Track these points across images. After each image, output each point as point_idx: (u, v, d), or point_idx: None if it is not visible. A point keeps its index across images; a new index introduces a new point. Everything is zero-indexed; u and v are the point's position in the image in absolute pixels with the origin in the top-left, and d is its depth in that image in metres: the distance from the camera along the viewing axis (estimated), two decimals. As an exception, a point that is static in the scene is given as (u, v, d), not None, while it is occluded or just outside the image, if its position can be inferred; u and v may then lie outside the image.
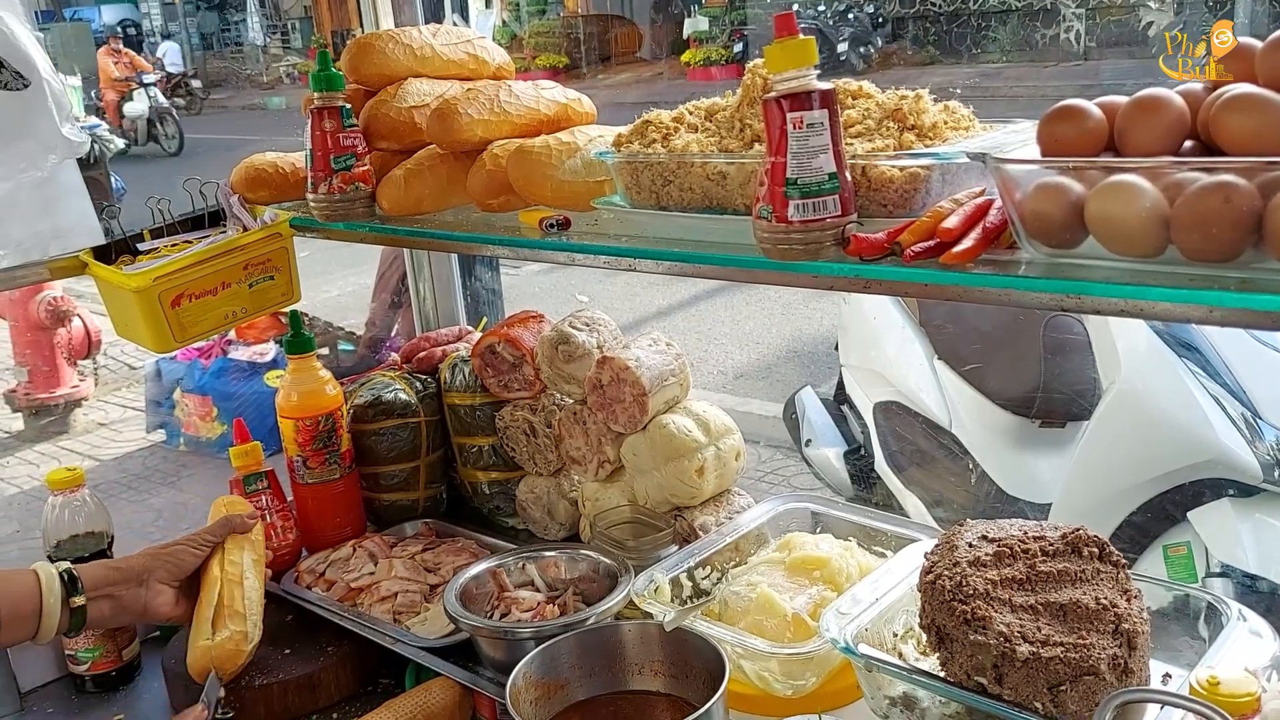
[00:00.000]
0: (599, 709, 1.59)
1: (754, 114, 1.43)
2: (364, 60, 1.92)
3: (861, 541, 1.86)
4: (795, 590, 1.70)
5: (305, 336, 2.15)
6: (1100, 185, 1.02)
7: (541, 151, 1.62)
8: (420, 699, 1.73)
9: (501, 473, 2.24)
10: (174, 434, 6.48)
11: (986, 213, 1.16)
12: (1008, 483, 3.52)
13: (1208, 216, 0.94)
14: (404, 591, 1.96)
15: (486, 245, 1.72)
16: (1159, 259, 1.00)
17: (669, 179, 1.43)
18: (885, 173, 1.26)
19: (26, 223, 1.95)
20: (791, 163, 1.19)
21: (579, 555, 1.90)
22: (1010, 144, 1.24)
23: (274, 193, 2.04)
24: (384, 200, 1.82)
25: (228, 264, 1.97)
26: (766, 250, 1.24)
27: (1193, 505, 2.93)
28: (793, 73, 1.19)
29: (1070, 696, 1.27)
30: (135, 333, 2.00)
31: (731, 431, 2.00)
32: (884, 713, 1.48)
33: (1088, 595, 1.34)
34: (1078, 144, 1.10)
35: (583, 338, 2.03)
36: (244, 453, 2.13)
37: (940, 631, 1.38)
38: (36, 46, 1.95)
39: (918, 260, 1.14)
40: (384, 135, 1.88)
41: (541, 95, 1.83)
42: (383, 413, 2.22)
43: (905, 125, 1.33)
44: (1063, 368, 3.49)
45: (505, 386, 2.16)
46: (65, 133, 1.96)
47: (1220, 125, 1.02)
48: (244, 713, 1.82)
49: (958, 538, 1.45)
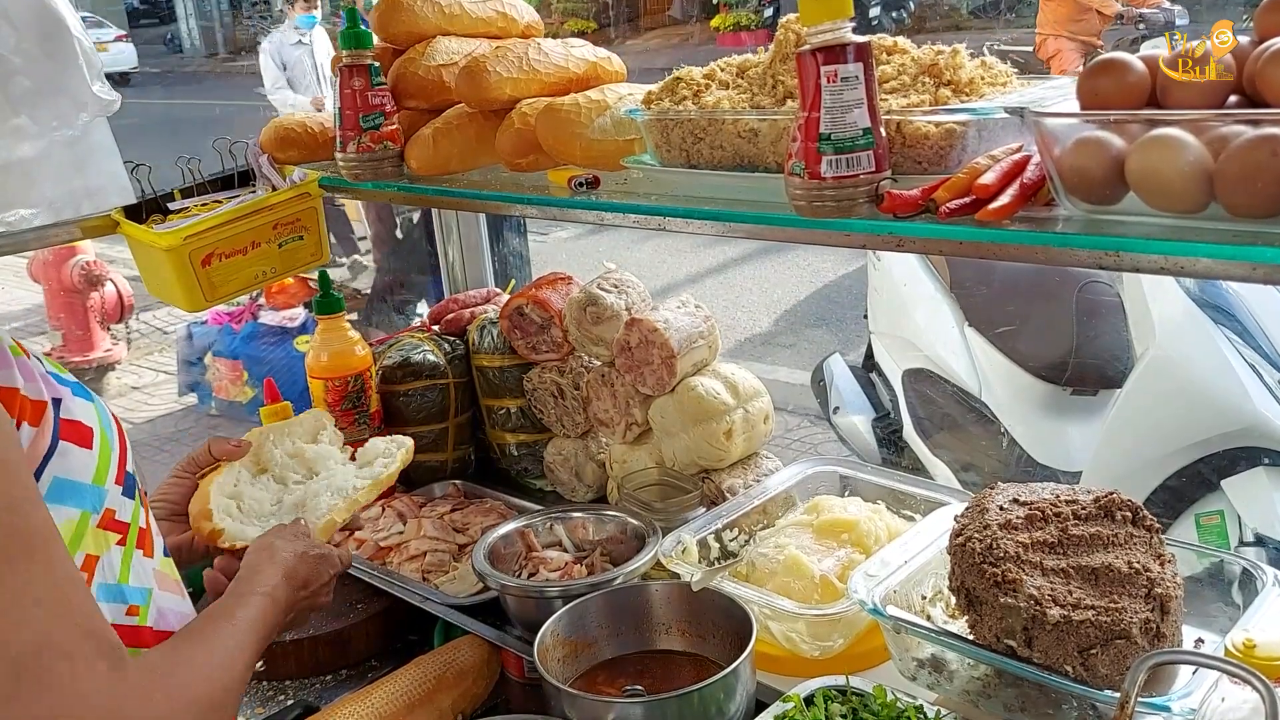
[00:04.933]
0: (626, 667, 1.59)
1: (786, 70, 1.41)
2: (392, 18, 1.91)
3: (890, 505, 1.85)
4: (823, 553, 1.70)
5: (334, 297, 2.15)
6: (1142, 139, 0.99)
7: (571, 110, 1.61)
8: (449, 656, 1.75)
9: (529, 434, 2.25)
10: (205, 397, 6.54)
11: (1024, 169, 1.13)
12: (1038, 450, 3.50)
13: (1254, 170, 0.92)
14: (433, 551, 1.97)
15: (515, 204, 1.71)
16: (1201, 215, 0.98)
17: (700, 137, 1.41)
18: (920, 128, 1.24)
19: (58, 181, 1.96)
20: (825, 117, 1.17)
21: (606, 516, 1.90)
22: (1049, 99, 1.22)
23: (303, 152, 2.04)
24: (412, 159, 1.82)
25: (257, 223, 1.97)
26: (799, 208, 1.23)
27: (1227, 474, 2.90)
28: (827, 25, 1.17)
29: (1101, 660, 1.26)
30: (167, 292, 2.01)
31: (760, 394, 1.99)
32: (912, 674, 1.48)
33: (1120, 559, 1.33)
34: (1119, 98, 1.07)
35: (611, 299, 2.03)
36: (274, 412, 2.13)
37: (970, 594, 1.37)
38: (67, 4, 1.95)
39: (953, 217, 1.12)
40: (412, 94, 1.87)
41: (571, 53, 1.81)
42: (411, 374, 2.22)
43: (941, 81, 1.30)
44: (1095, 334, 3.45)
45: (533, 348, 2.16)
46: (96, 91, 1.96)
47: (1267, 78, 0.99)
48: (274, 667, 1.85)
49: (989, 500, 1.44)
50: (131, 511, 1.13)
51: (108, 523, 1.08)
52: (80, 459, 1.05)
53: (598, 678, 1.58)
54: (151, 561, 1.16)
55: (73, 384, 1.11)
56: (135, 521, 1.13)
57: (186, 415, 6.59)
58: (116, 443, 1.12)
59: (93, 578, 1.06)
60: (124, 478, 1.12)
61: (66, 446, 1.04)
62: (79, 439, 1.06)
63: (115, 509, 1.09)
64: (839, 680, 1.45)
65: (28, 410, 1.01)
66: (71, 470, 1.04)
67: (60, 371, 1.13)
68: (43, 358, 1.13)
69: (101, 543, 1.07)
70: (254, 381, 6.10)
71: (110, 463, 1.09)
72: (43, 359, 1.13)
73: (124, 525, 1.11)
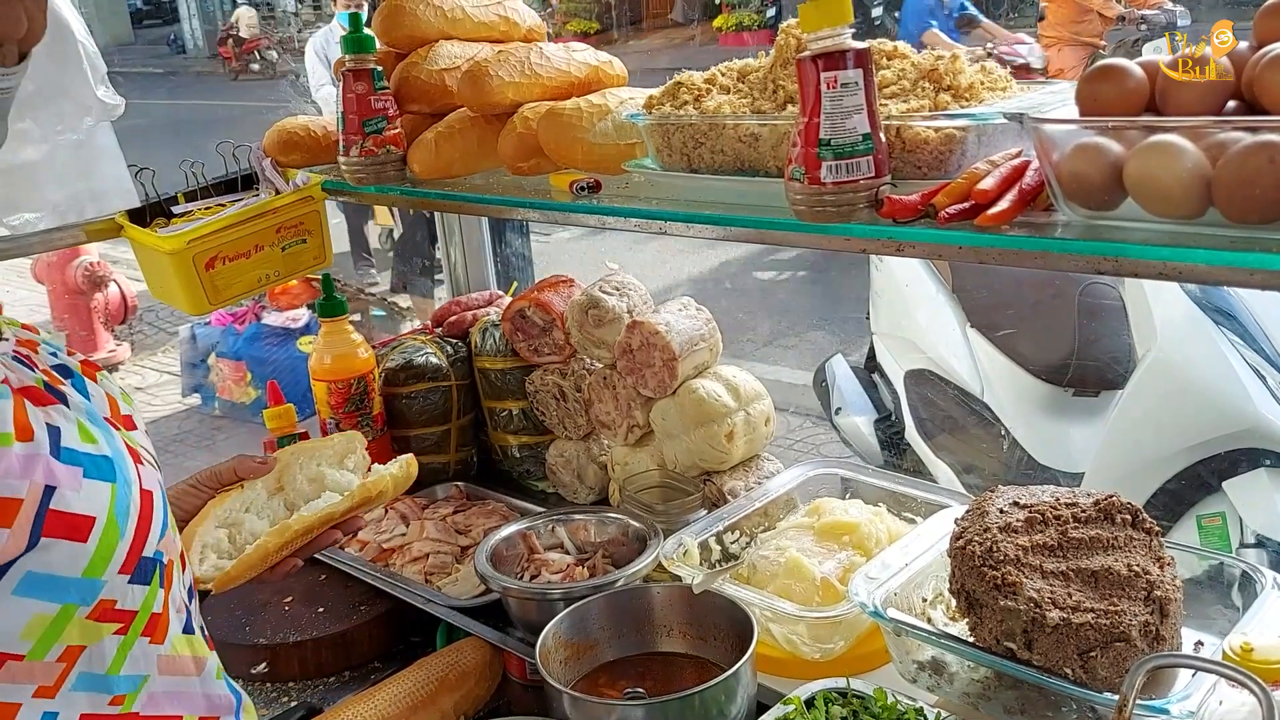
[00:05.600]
0: (627, 669, 1.60)
1: (787, 75, 1.41)
2: (395, 22, 1.91)
3: (891, 507, 1.85)
4: (824, 555, 1.70)
5: (338, 300, 2.16)
6: (1140, 145, 1.00)
7: (572, 114, 1.61)
8: (451, 658, 1.76)
9: (531, 436, 2.25)
10: (209, 398, 6.55)
11: (1023, 174, 1.14)
12: (1040, 452, 3.50)
13: (1251, 177, 0.92)
14: (435, 553, 1.98)
15: (517, 208, 1.72)
16: (1199, 221, 0.98)
17: (700, 141, 1.42)
18: (920, 134, 1.24)
19: (63, 184, 1.97)
20: (825, 123, 1.17)
21: (608, 518, 1.91)
22: (1048, 104, 1.22)
23: (306, 156, 2.05)
24: (415, 163, 1.82)
25: (261, 227, 1.98)
26: (799, 212, 1.23)
27: (1228, 475, 2.90)
28: (827, 31, 1.17)
29: (1100, 663, 1.26)
30: (170, 295, 2.02)
31: (761, 396, 1.99)
32: (912, 677, 1.48)
33: (1119, 562, 1.34)
34: (1118, 104, 1.07)
35: (613, 302, 2.03)
36: (278, 414, 2.15)
37: (970, 597, 1.38)
38: (70, 8, 1.95)
39: (952, 222, 1.13)
40: (415, 98, 1.88)
41: (573, 57, 1.82)
42: (414, 376, 2.23)
43: (941, 86, 1.31)
44: (1097, 335, 3.45)
45: (535, 351, 2.16)
46: (100, 95, 1.97)
47: (1265, 84, 1.00)
48: (278, 669, 1.85)
49: (989, 503, 1.45)
50: (143, 598, 1.05)
51: (103, 613, 1.01)
52: (67, 553, 0.96)
53: (599, 680, 1.59)
54: (160, 647, 1.08)
55: (97, 458, 1.01)
56: (147, 608, 1.05)
57: (190, 416, 6.61)
58: (132, 528, 1.02)
59: (71, 667, 0.99)
60: (136, 565, 1.03)
61: (50, 542, 0.95)
62: (69, 532, 0.96)
63: (116, 599, 1.02)
64: (840, 682, 1.46)
65: None
66: (53, 565, 0.96)
67: (88, 442, 1.01)
68: (87, 410, 1.05)
69: (91, 634, 1.00)
70: (257, 383, 6.12)
71: (115, 552, 1.00)
72: (89, 413, 1.04)
73: (128, 614, 1.03)
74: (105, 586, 1.00)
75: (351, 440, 1.60)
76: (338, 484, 1.52)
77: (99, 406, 1.11)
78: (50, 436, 0.98)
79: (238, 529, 1.42)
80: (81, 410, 1.05)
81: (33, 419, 0.97)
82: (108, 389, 1.16)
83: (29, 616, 0.95)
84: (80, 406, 1.06)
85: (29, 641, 0.96)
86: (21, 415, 0.96)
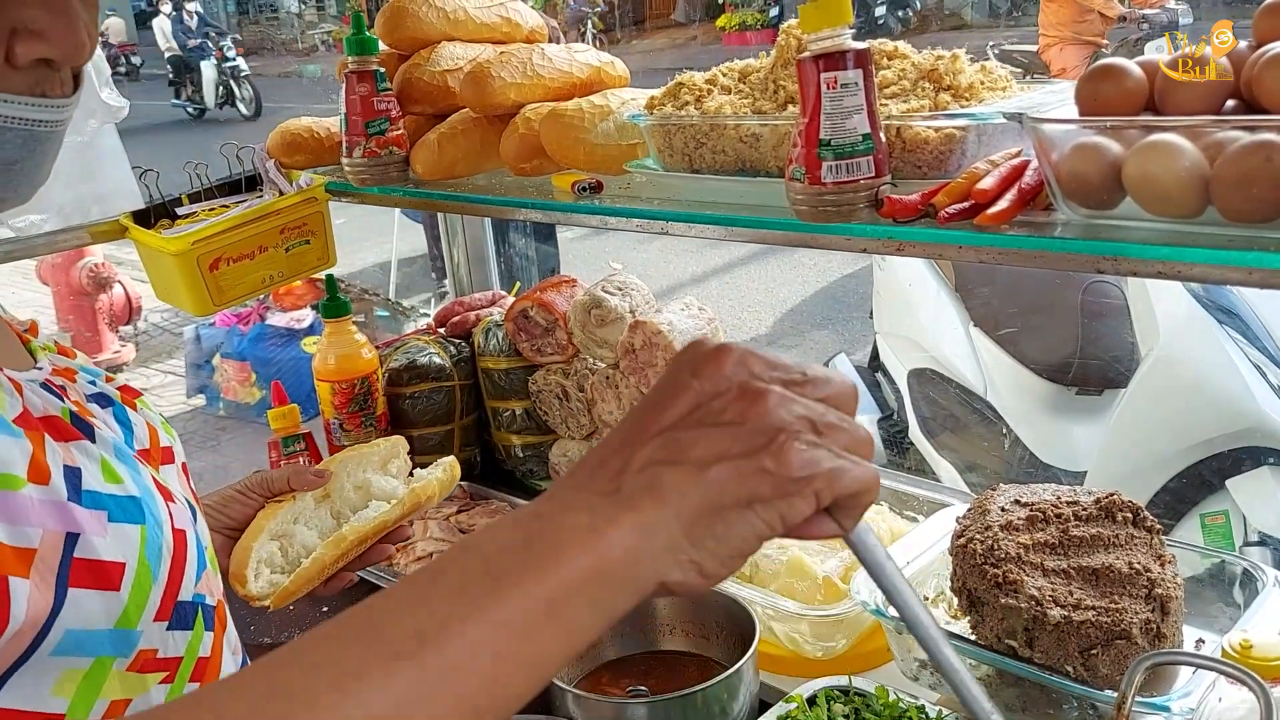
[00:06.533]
0: (630, 668, 1.61)
1: (788, 75, 1.42)
2: (397, 24, 1.92)
3: (893, 506, 1.86)
4: (826, 554, 1.70)
5: (341, 301, 2.17)
6: (1139, 145, 1.00)
7: (574, 115, 1.62)
8: (455, 657, 1.76)
9: (535, 436, 2.26)
10: (214, 398, 6.56)
11: (1023, 174, 1.14)
12: (1043, 450, 3.50)
13: (1249, 176, 0.93)
14: (439, 552, 1.99)
15: (520, 209, 1.72)
16: (1198, 220, 0.99)
17: (701, 141, 1.43)
18: (920, 134, 1.25)
19: (68, 186, 1.98)
20: (825, 123, 1.18)
21: (611, 518, 1.91)
22: (1048, 104, 1.22)
23: (309, 157, 2.06)
24: (418, 164, 1.83)
25: (264, 228, 1.98)
26: (799, 212, 1.24)
27: (1231, 474, 2.90)
28: (827, 32, 1.18)
29: (1102, 660, 1.27)
30: (175, 296, 2.03)
31: (764, 396, 2.00)
32: (914, 675, 1.49)
33: (1121, 560, 1.34)
34: (1117, 103, 1.08)
35: (615, 302, 2.04)
36: (282, 415, 2.16)
37: (971, 595, 1.38)
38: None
39: (952, 222, 1.13)
40: (417, 99, 1.88)
41: (575, 58, 1.82)
42: (417, 376, 2.24)
43: (941, 86, 1.31)
44: (1100, 334, 3.45)
45: (538, 351, 2.17)
46: (105, 97, 1.98)
47: (1263, 83, 1.00)
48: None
49: (990, 502, 1.45)
50: (188, 643, 0.98)
51: (145, 664, 0.93)
52: (97, 604, 0.88)
53: (602, 678, 1.59)
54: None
55: (123, 499, 0.93)
56: (192, 654, 0.98)
57: (194, 417, 6.62)
58: (166, 571, 0.95)
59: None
60: (173, 610, 0.95)
61: (78, 595, 0.87)
62: (98, 581, 0.88)
63: (157, 648, 0.94)
64: (842, 681, 1.46)
65: (9, 561, 0.82)
66: (86, 620, 0.88)
67: (112, 481, 0.93)
68: (117, 435, 0.98)
69: (135, 686, 0.93)
70: (262, 383, 6.13)
71: (149, 599, 0.92)
72: (123, 439, 0.98)
73: (172, 661, 0.96)
74: (143, 637, 0.92)
75: (395, 445, 1.55)
76: (384, 490, 1.48)
77: (140, 437, 1.06)
78: (69, 479, 0.89)
79: (289, 541, 1.38)
80: (109, 446, 0.96)
81: (50, 459, 0.89)
82: (148, 418, 1.11)
83: (59, 673, 0.88)
84: (108, 442, 0.97)
85: (63, 699, 0.88)
86: (39, 455, 0.88)
